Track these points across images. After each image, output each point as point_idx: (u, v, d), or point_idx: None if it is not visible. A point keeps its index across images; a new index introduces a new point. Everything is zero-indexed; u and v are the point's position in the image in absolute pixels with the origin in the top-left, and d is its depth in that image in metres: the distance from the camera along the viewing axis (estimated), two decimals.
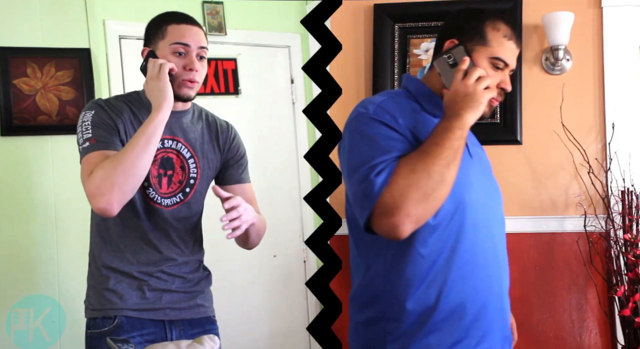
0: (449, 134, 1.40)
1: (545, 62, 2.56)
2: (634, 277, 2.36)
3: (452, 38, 1.51)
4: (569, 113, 2.52)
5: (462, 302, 1.46)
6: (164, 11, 1.71)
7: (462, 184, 1.45)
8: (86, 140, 1.59)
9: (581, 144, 2.50)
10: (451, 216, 1.45)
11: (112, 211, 1.52)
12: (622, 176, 2.47)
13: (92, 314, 1.67)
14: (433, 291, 1.45)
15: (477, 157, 1.58)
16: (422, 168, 1.36)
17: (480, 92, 1.44)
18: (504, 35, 1.50)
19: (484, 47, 1.49)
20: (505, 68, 1.51)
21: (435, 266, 1.45)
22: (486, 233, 1.50)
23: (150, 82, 1.60)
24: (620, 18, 2.53)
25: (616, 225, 2.44)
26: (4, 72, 2.33)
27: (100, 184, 1.51)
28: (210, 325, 1.77)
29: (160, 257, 1.68)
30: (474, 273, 1.47)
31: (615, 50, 2.53)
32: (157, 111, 1.57)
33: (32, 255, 2.34)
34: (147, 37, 1.69)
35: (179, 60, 1.64)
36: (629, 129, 2.52)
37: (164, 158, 1.68)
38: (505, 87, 1.50)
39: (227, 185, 1.79)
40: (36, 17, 2.40)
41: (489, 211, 1.52)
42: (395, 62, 2.62)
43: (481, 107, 1.43)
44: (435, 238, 1.44)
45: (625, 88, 2.54)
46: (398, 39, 2.64)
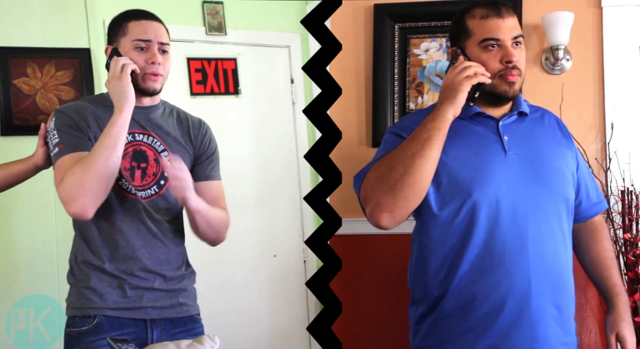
0: (420, 127, 1.47)
1: (545, 62, 2.56)
2: (633, 277, 2.36)
3: (451, 47, 1.61)
4: (568, 113, 2.51)
5: (472, 297, 1.48)
6: (126, 9, 1.74)
7: (474, 179, 1.48)
8: (55, 145, 1.63)
9: (581, 144, 2.49)
10: (458, 211, 1.47)
11: (86, 215, 1.56)
12: (621, 176, 2.47)
13: (72, 313, 1.67)
14: (441, 283, 1.49)
15: (522, 153, 1.57)
16: (386, 161, 1.47)
17: (459, 80, 1.49)
18: (480, 16, 1.56)
19: (471, 38, 1.56)
20: (501, 44, 1.53)
21: (445, 260, 1.50)
22: (514, 236, 1.51)
23: (112, 82, 1.63)
24: (620, 18, 2.52)
25: (616, 225, 2.44)
26: (4, 72, 2.33)
27: (72, 190, 1.54)
28: (193, 324, 1.76)
29: (139, 253, 1.67)
30: (488, 270, 1.49)
31: (615, 50, 2.53)
32: (120, 112, 1.60)
33: (32, 255, 2.34)
34: (109, 35, 1.73)
35: (141, 55, 1.67)
36: (629, 129, 2.52)
37: (137, 151, 1.69)
38: (509, 58, 1.54)
39: (196, 182, 1.76)
40: (36, 17, 2.40)
41: (521, 214, 1.52)
42: (395, 62, 2.62)
43: (459, 96, 1.48)
44: (441, 232, 1.48)
45: (625, 88, 2.53)
46: (398, 39, 2.64)
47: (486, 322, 1.49)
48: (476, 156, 1.55)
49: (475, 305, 1.49)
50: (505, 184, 1.52)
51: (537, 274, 1.52)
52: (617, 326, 1.63)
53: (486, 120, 1.61)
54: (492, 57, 1.54)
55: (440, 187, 1.51)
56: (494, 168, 1.52)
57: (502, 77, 1.55)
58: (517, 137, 1.60)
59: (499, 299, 1.49)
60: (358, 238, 2.56)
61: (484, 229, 1.49)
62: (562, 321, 1.57)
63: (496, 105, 1.62)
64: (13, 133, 2.34)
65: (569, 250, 1.64)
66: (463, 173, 1.52)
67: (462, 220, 1.49)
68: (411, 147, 1.44)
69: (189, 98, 2.76)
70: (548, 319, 1.54)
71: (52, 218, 2.36)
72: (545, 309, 1.54)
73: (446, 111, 1.47)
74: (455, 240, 1.50)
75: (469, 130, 1.59)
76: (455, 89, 1.48)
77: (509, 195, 1.52)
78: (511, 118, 1.64)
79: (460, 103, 1.49)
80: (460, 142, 1.55)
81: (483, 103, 1.61)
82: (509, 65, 1.54)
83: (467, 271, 1.49)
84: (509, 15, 1.56)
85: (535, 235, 1.53)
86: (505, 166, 1.54)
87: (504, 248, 1.50)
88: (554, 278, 1.56)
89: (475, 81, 1.49)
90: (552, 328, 1.54)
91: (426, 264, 1.55)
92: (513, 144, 1.58)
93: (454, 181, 1.51)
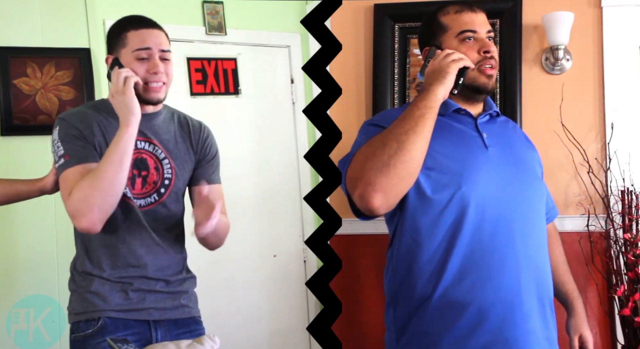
0: (411, 106, 1.47)
1: (545, 62, 2.56)
2: (633, 276, 2.36)
3: (424, 47, 1.65)
4: (568, 113, 2.51)
5: (463, 293, 1.47)
6: (124, 16, 1.73)
7: (462, 172, 1.47)
8: (60, 157, 1.61)
9: (581, 144, 2.50)
10: (448, 202, 1.47)
11: (95, 229, 1.56)
12: (621, 176, 2.47)
13: (75, 319, 1.67)
14: (430, 280, 1.47)
15: (501, 150, 1.59)
16: (379, 139, 1.44)
17: (447, 63, 1.52)
18: (455, 11, 1.61)
19: (447, 32, 1.61)
20: (477, 37, 1.59)
21: (435, 254, 1.49)
22: (502, 230, 1.51)
23: (116, 96, 1.61)
24: (620, 18, 2.52)
25: (616, 225, 2.44)
26: (4, 72, 2.33)
27: (80, 206, 1.53)
28: (195, 325, 1.77)
29: (142, 261, 1.68)
30: (478, 265, 1.48)
31: (615, 50, 2.53)
32: (126, 127, 1.58)
33: (32, 255, 2.34)
34: (109, 45, 1.71)
35: (142, 65, 1.65)
36: (629, 129, 2.52)
37: (138, 159, 1.68)
38: (486, 49, 1.58)
39: (196, 186, 1.78)
40: (36, 17, 2.40)
41: (508, 208, 1.52)
42: (395, 62, 2.62)
43: (449, 77, 1.50)
44: (431, 223, 1.47)
45: (625, 88, 2.53)
46: (398, 39, 2.64)
47: (479, 319, 1.48)
48: (462, 150, 1.55)
49: (466, 302, 1.48)
50: (491, 179, 1.52)
51: (525, 268, 1.52)
52: (580, 327, 1.78)
53: (465, 117, 1.63)
54: (470, 48, 1.57)
55: (430, 178, 1.50)
56: (478, 164, 1.53)
57: (481, 69, 1.58)
58: (494, 136, 1.61)
59: (491, 294, 1.48)
60: (358, 238, 2.56)
61: (474, 223, 1.49)
62: (545, 317, 1.57)
63: (473, 101, 1.64)
64: (13, 133, 2.34)
65: (547, 246, 1.65)
66: (450, 166, 1.52)
67: (453, 212, 1.49)
68: (404, 124, 1.43)
69: (189, 98, 2.76)
70: (535, 313, 1.54)
71: (52, 218, 2.36)
72: (533, 303, 1.54)
73: (437, 90, 1.48)
74: (444, 232, 1.49)
75: (449, 125, 1.60)
76: (444, 71, 1.50)
77: (495, 190, 1.52)
78: (485, 118, 1.66)
79: (450, 85, 1.50)
80: (444, 136, 1.55)
81: (460, 100, 1.63)
82: (487, 55, 1.58)
83: (457, 266, 1.48)
84: (480, 11, 1.62)
85: (521, 228, 1.53)
86: (488, 162, 1.55)
87: (493, 242, 1.49)
88: (539, 274, 1.57)
89: (462, 64, 1.52)
90: (539, 323, 1.54)
91: (414, 261, 1.52)
92: (492, 142, 1.59)
93: (443, 174, 1.51)
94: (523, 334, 1.51)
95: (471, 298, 1.48)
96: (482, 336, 1.48)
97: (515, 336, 1.50)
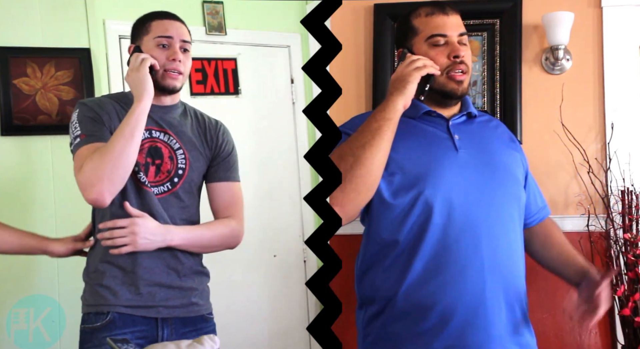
0: (369, 118, 1.46)
1: (545, 62, 2.56)
2: (633, 277, 2.36)
3: (397, 49, 1.63)
4: (568, 113, 2.51)
5: (426, 296, 1.46)
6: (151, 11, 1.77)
7: (425, 176, 1.47)
8: (76, 137, 1.65)
9: (581, 144, 2.50)
10: (412, 206, 1.46)
11: (104, 201, 1.58)
12: (621, 176, 2.47)
13: (87, 310, 1.69)
14: (393, 280, 1.47)
15: (474, 152, 1.57)
16: (337, 152, 1.43)
17: (409, 72, 1.50)
18: (426, 14, 1.58)
19: (417, 36, 1.58)
20: (448, 41, 1.56)
21: (401, 256, 1.48)
22: (468, 233, 1.49)
23: (131, 74, 1.67)
24: (620, 18, 2.52)
25: (616, 225, 2.44)
26: (4, 72, 2.33)
27: (90, 176, 1.56)
28: (203, 324, 1.77)
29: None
30: (442, 268, 1.47)
31: (615, 50, 2.53)
32: (138, 101, 1.63)
33: (32, 254, 2.33)
34: (133, 35, 1.77)
35: (163, 52, 1.71)
36: (629, 129, 2.52)
37: (152, 147, 1.70)
38: (456, 54, 1.55)
39: (214, 182, 1.79)
40: (36, 17, 2.40)
41: (475, 211, 1.51)
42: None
43: (409, 86, 1.48)
44: (395, 226, 1.46)
45: (625, 88, 2.54)
46: None
47: (442, 322, 1.47)
48: (427, 154, 1.54)
49: (429, 304, 1.47)
50: (458, 182, 1.51)
51: (491, 273, 1.50)
52: (600, 283, 1.50)
53: (436, 119, 1.61)
54: (440, 53, 1.55)
55: (392, 183, 1.49)
56: (445, 166, 1.51)
57: (450, 75, 1.56)
58: (468, 137, 1.59)
59: (454, 298, 1.47)
60: (358, 238, 2.56)
61: (438, 226, 1.47)
62: (515, 322, 1.55)
63: (445, 105, 1.63)
64: (13, 133, 2.34)
65: (521, 250, 1.61)
66: (414, 170, 1.50)
67: (416, 215, 1.47)
68: (361, 137, 1.43)
69: (189, 98, 2.76)
70: (502, 319, 1.52)
71: (52, 218, 2.36)
72: (499, 309, 1.52)
73: (396, 101, 1.47)
74: (408, 235, 1.48)
75: (419, 129, 1.59)
76: (404, 80, 1.49)
77: (461, 193, 1.50)
78: (461, 119, 1.64)
79: (410, 94, 1.49)
80: (410, 140, 1.54)
81: (432, 103, 1.61)
82: (456, 60, 1.55)
83: (420, 269, 1.47)
84: (453, 13, 1.59)
85: (489, 232, 1.51)
86: (457, 164, 1.53)
87: (457, 245, 1.48)
88: (508, 278, 1.54)
89: (425, 72, 1.50)
90: (506, 328, 1.52)
91: (379, 263, 1.52)
92: (464, 143, 1.57)
93: (406, 178, 1.50)
94: (486, 339, 1.49)
95: (434, 301, 1.47)
96: (445, 339, 1.47)
97: (479, 341, 1.48)
